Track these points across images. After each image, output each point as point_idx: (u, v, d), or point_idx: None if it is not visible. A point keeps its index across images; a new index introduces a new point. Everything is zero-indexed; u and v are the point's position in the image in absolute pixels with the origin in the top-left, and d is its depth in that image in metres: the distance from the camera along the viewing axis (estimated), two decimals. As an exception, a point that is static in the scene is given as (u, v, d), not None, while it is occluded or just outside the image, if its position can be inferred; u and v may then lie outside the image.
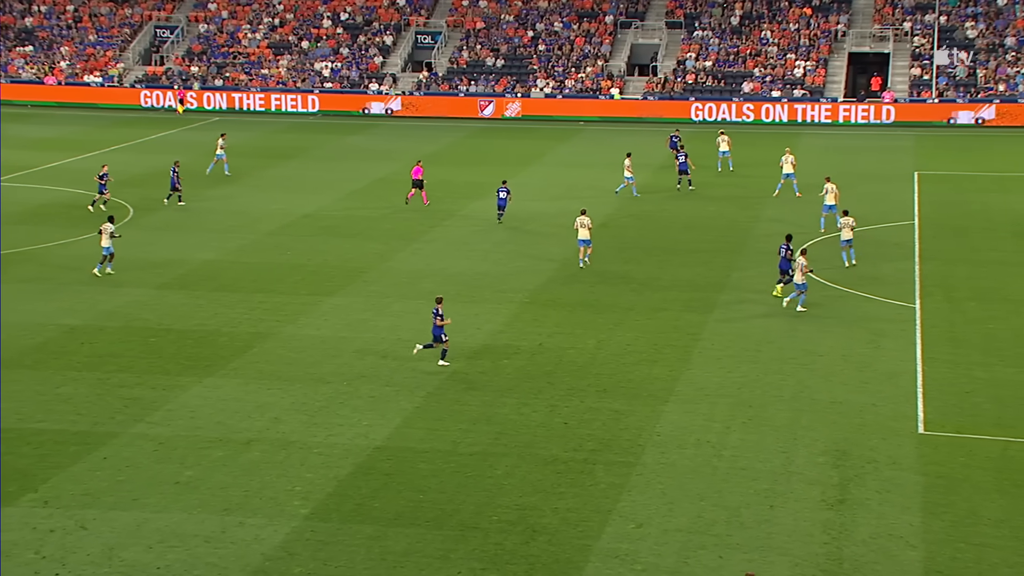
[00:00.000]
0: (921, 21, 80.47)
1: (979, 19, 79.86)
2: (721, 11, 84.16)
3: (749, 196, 54.33)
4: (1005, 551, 22.70)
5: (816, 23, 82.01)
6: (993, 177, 58.32)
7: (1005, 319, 36.44)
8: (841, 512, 24.22)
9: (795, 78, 78.57)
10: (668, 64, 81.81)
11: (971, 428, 28.44)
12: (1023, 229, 47.64)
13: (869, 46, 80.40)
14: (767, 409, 29.64)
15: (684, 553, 22.73)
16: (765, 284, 40.18)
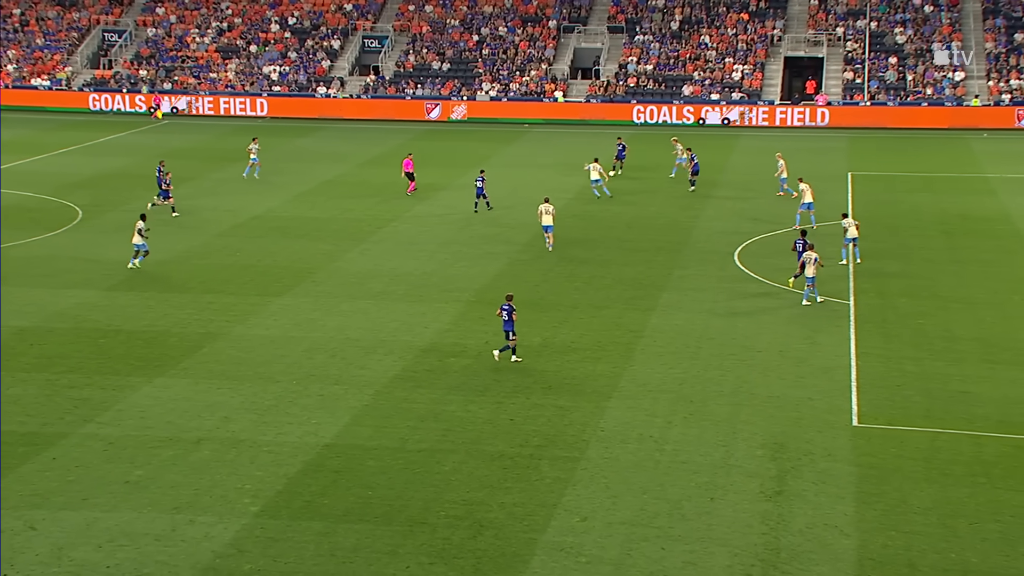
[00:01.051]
0: (853, 27, 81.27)
1: (907, 25, 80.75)
2: (661, 16, 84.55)
3: (690, 196, 54.56)
4: (933, 538, 22.96)
5: (753, 28, 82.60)
6: (922, 177, 58.97)
7: (934, 315, 36.85)
8: (779, 503, 24.39)
9: (733, 81, 79.08)
10: (610, 68, 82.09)
11: (902, 420, 28.72)
12: (951, 228, 48.24)
13: (804, 50, 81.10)
14: (707, 404, 29.78)
15: (627, 545, 22.80)
16: (705, 282, 40.47)
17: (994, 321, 36.13)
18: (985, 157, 64.50)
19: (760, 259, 43.28)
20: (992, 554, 22.37)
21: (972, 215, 50.41)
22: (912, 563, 22.06)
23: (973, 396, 30.14)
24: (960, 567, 21.93)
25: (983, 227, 48.07)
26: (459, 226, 48.61)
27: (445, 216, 50.61)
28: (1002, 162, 62.65)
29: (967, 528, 23.27)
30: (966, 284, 39.94)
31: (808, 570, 21.83)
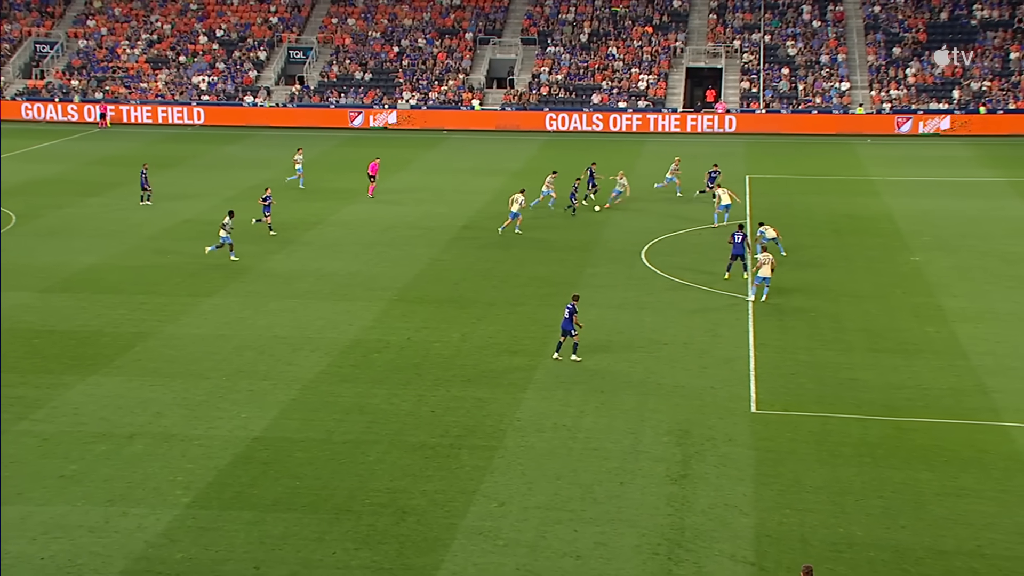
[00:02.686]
0: (749, 40, 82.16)
1: (798, 39, 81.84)
2: (571, 29, 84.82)
3: (601, 200, 54.77)
4: (824, 514, 23.31)
5: (657, 40, 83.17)
6: (813, 180, 59.78)
7: (825, 308, 37.35)
8: (683, 486, 24.60)
9: (639, 90, 79.59)
10: (524, 78, 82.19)
11: (796, 406, 29.10)
12: (840, 227, 48.89)
13: (704, 62, 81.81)
14: (617, 394, 29.94)
15: (542, 528, 22.86)
16: (615, 280, 40.68)
17: (878, 313, 36.73)
18: (869, 161, 65.59)
19: (665, 257, 43.61)
20: (875, 527, 22.79)
21: (859, 215, 51.20)
22: (804, 538, 22.39)
23: (860, 383, 30.62)
24: (847, 540, 22.30)
25: (868, 226, 48.86)
26: (382, 228, 48.37)
27: (369, 219, 50.34)
28: (884, 166, 63.76)
29: (854, 504, 23.67)
30: (853, 279, 40.57)
31: (710, 547, 22.06)
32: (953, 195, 55.12)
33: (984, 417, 28.18)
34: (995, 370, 31.40)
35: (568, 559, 21.74)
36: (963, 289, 39.25)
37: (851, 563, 21.46)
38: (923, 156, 66.82)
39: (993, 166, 62.83)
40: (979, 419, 28.06)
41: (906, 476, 24.97)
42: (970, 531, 22.55)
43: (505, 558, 21.79)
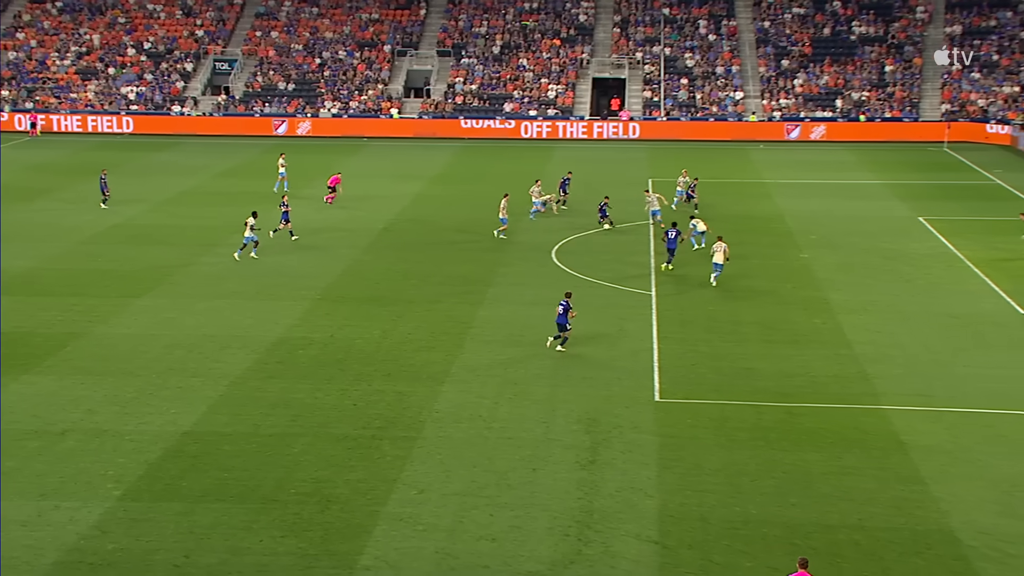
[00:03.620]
0: (650, 52, 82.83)
1: (696, 51, 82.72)
2: (484, 42, 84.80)
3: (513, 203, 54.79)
4: (721, 495, 23.60)
5: (565, 52, 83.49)
6: (711, 183, 60.34)
7: (723, 303, 37.80)
8: (592, 471, 24.73)
9: (549, 99, 79.83)
10: (440, 87, 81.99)
11: (696, 395, 29.40)
12: (736, 227, 49.28)
13: (609, 72, 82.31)
14: (530, 385, 30.00)
15: (460, 513, 22.84)
16: (527, 278, 40.76)
17: (771, 307, 37.26)
18: (762, 165, 66.52)
19: (574, 256, 43.81)
20: (768, 505, 23.13)
21: (753, 215, 51.88)
22: (704, 517, 22.65)
23: (755, 372, 31.03)
24: (743, 518, 22.61)
25: (762, 226, 49.54)
26: (306, 231, 47.90)
27: (294, 222, 49.80)
28: (775, 169, 64.72)
29: (749, 484, 24.00)
30: (749, 275, 41.08)
31: (617, 528, 22.21)
32: (838, 196, 56.09)
33: (866, 401, 28.74)
34: (875, 358, 32.04)
35: (484, 542, 21.75)
36: (847, 283, 39.98)
37: (746, 539, 21.75)
38: (810, 160, 67.93)
39: (872, 170, 64.09)
40: (861, 403, 28.61)
41: (796, 457, 25.37)
42: (853, 506, 22.99)
43: (425, 542, 21.73)
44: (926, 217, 50.55)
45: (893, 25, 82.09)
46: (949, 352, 32.61)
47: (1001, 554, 21.15)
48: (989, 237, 45.95)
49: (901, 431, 26.76)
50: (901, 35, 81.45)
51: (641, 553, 21.33)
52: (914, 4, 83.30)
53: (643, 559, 21.12)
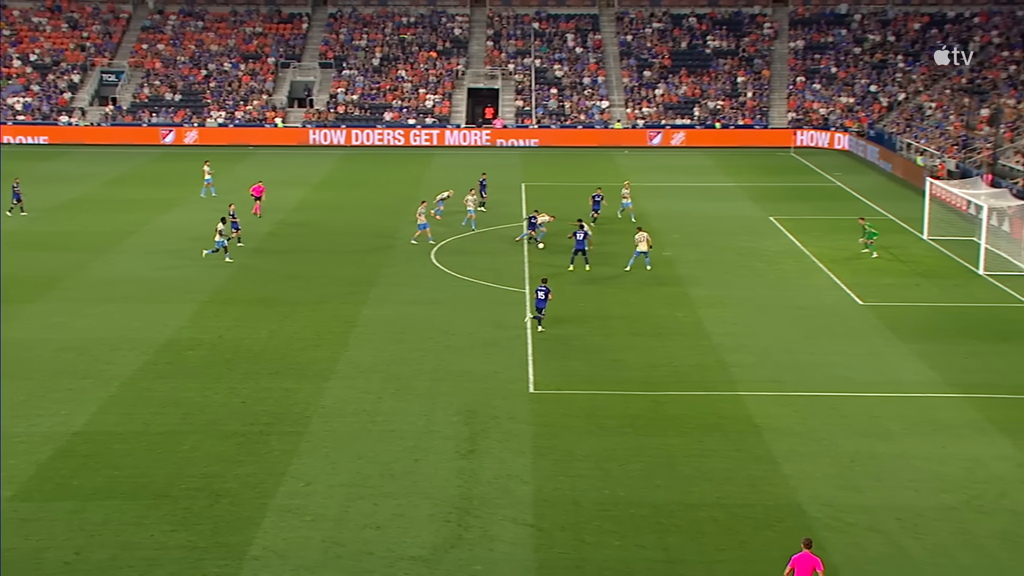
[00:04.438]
0: (521, 63, 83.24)
1: (564, 63, 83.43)
2: (364, 54, 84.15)
3: (394, 205, 54.68)
4: (593, 479, 23.84)
5: (441, 64, 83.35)
6: (579, 187, 60.82)
7: (592, 298, 38.18)
8: (471, 460, 24.75)
9: (427, 108, 79.61)
10: (322, 97, 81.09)
11: (568, 386, 29.64)
12: (604, 227, 49.91)
13: (483, 82, 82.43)
14: (412, 381, 29.88)
15: (346, 503, 22.64)
16: (408, 279, 40.63)
17: (637, 301, 37.79)
18: (627, 170, 67.28)
19: (452, 257, 43.80)
20: (636, 487, 23.46)
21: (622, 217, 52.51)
22: (576, 500, 22.85)
23: (623, 363, 31.43)
24: (612, 500, 22.88)
25: (628, 226, 50.10)
26: (194, 236, 46.89)
27: (182, 228, 48.79)
28: (639, 173, 65.53)
29: (618, 469, 24.30)
30: (616, 272, 41.57)
31: (495, 513, 22.28)
32: (697, 198, 57.15)
33: (724, 388, 29.37)
34: (732, 348, 32.75)
35: (369, 530, 21.60)
36: (706, 279, 40.79)
37: (616, 520, 22.03)
38: (671, 165, 69.09)
39: (728, 173, 65.49)
40: (720, 390, 29.22)
41: (661, 442, 25.78)
42: (713, 485, 23.47)
43: (312, 532, 21.48)
44: (776, 217, 51.84)
45: (743, 40, 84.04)
46: (797, 341, 33.53)
47: (841, 523, 21.84)
48: (831, 235, 47.34)
49: (755, 415, 27.41)
50: (751, 49, 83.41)
51: (517, 536, 21.43)
52: (762, 21, 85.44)
53: (519, 541, 21.23)
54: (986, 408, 27.86)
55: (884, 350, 32.62)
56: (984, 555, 20.40)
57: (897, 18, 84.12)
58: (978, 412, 27.59)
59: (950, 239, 46.72)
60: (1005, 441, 25.79)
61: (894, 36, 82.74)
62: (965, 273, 41.79)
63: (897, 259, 43.81)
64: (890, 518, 21.97)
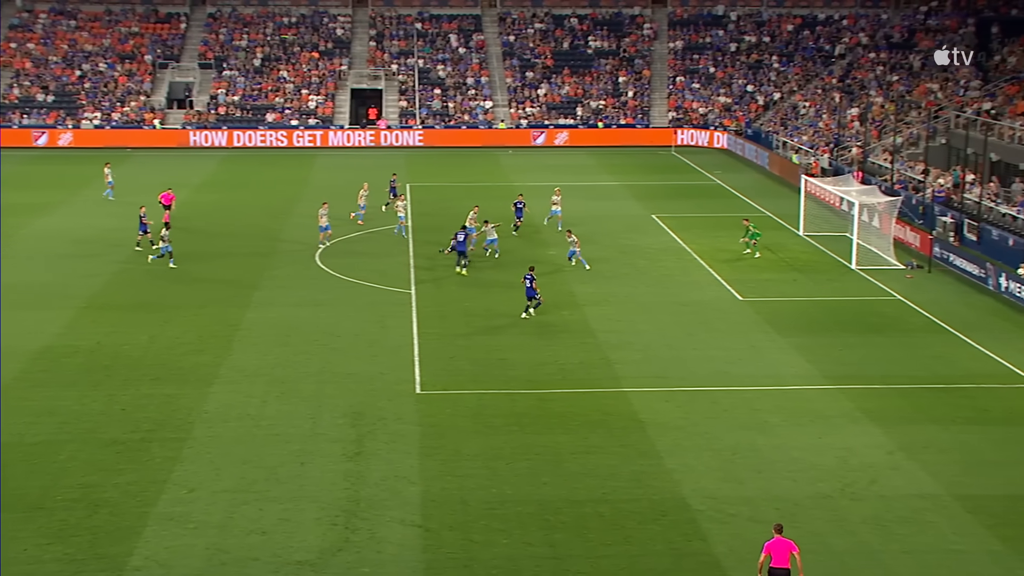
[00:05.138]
0: (404, 64, 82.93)
1: (447, 63, 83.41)
2: (245, 54, 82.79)
3: (278, 207, 53.98)
4: (480, 478, 23.90)
5: (324, 64, 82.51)
6: (464, 187, 61.03)
7: (478, 298, 38.26)
8: (358, 462, 24.58)
9: (309, 109, 78.73)
10: (202, 99, 79.48)
11: (455, 385, 29.67)
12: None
13: (366, 83, 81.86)
14: (297, 384, 29.55)
15: (230, 509, 22.26)
16: (293, 281, 40.19)
17: (523, 300, 37.70)
18: (511, 170, 67.72)
19: (337, 259, 43.43)
20: (523, 485, 23.59)
21: (505, 217, 52.56)
22: (464, 500, 22.89)
23: (509, 362, 31.56)
24: (499, 499, 22.97)
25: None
26: (72, 240, 45.56)
27: (58, 232, 47.34)
28: (524, 173, 65.96)
29: (505, 467, 24.41)
30: (502, 272, 41.59)
31: (383, 515, 22.17)
32: (580, 197, 57.56)
33: (608, 385, 29.74)
34: (617, 345, 33.19)
35: (254, 536, 21.28)
36: (590, 277, 41.22)
37: (503, 518, 22.12)
38: (555, 164, 69.60)
39: (611, 172, 66.31)
40: (605, 387, 29.57)
41: (548, 439, 25.98)
42: (598, 481, 23.75)
43: (196, 539, 21.07)
44: (658, 215, 52.68)
45: (624, 40, 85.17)
46: (680, 337, 34.13)
47: (723, 515, 22.33)
48: (711, 231, 48.29)
49: (640, 410, 27.82)
50: (632, 49, 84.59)
51: (405, 537, 21.36)
52: (641, 22, 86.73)
53: (407, 543, 21.16)
54: (858, 398, 28.79)
55: (763, 344, 33.43)
56: (856, 540, 21.07)
57: (771, 19, 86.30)
58: (851, 402, 28.50)
59: (825, 235, 48.12)
60: (876, 430, 26.69)
61: (769, 37, 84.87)
62: (839, 268, 43.11)
63: (775, 255, 44.96)
64: (770, 508, 22.52)
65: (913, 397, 29.07)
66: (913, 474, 24.26)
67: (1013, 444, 26.07)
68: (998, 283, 39.57)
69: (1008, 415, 28.01)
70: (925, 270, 42.74)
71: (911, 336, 34.64)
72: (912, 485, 23.72)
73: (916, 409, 28.23)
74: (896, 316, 36.87)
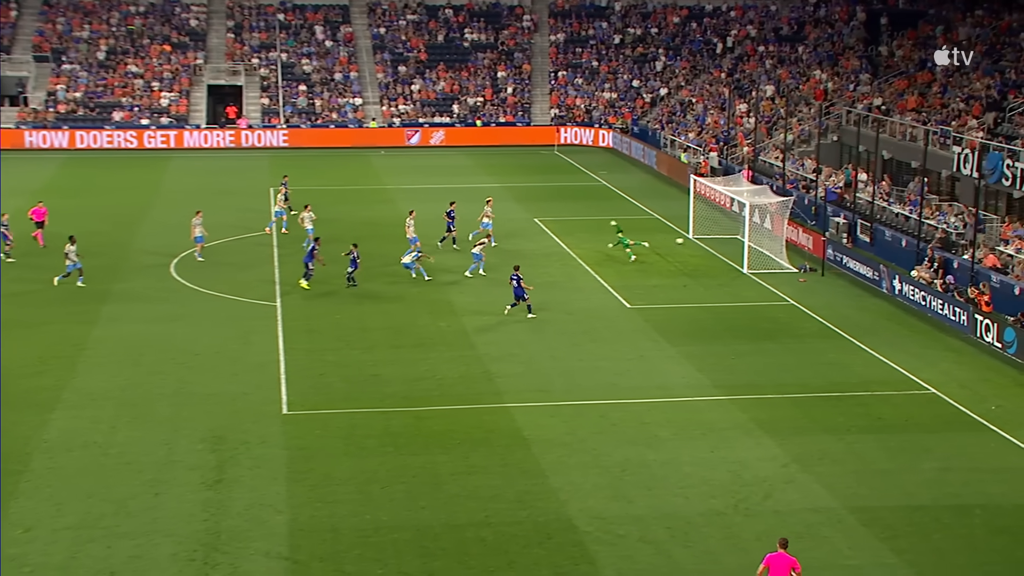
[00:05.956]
0: (266, 58, 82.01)
1: (313, 57, 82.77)
2: (87, 47, 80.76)
3: (128, 215, 52.76)
4: (352, 504, 23.73)
5: (176, 58, 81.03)
6: (335, 191, 60.66)
7: (350, 310, 38.07)
8: (219, 491, 24.17)
9: (162, 107, 77.22)
10: (38, 95, 77.21)
11: (325, 405, 29.44)
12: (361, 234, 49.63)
13: (224, 79, 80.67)
14: (150, 407, 28.93)
15: (74, 548, 21.62)
16: (146, 293, 39.48)
17: (397, 312, 37.90)
18: (383, 171, 67.55)
19: (195, 270, 42.69)
20: (399, 510, 23.51)
21: (377, 222, 52.53)
22: (335, 528, 22.70)
23: (383, 378, 31.47)
24: (373, 525, 22.85)
25: (386, 231, 50.17)
26: None
27: None
28: (397, 175, 65.90)
29: (379, 492, 24.29)
30: (374, 282, 41.49)
31: (246, 547, 21.83)
32: (457, 200, 57.57)
33: (490, 400, 29.85)
34: (498, 357, 33.35)
35: (102, 576, 20.76)
36: (470, 285, 41.35)
37: (377, 546, 21.99)
38: (430, 165, 69.67)
39: (490, 173, 66.61)
40: (486, 403, 29.68)
41: (425, 460, 25.95)
42: (479, 504, 23.80)
43: (36, 584, 20.44)
44: (541, 218, 53.14)
45: (502, 33, 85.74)
46: (565, 348, 34.46)
47: (612, 536, 22.60)
48: (597, 236, 48.85)
49: (523, 427, 27.99)
50: (511, 42, 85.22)
51: (271, 570, 21.07)
52: (520, 13, 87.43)
53: (274, 577, 20.90)
54: (751, 409, 29.48)
55: (652, 354, 33.99)
56: (750, 558, 21.54)
57: (657, 11, 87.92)
58: (744, 413, 29.16)
59: (715, 238, 49.19)
60: (770, 442, 27.36)
61: (656, 28, 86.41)
62: (730, 272, 44.10)
63: (664, 259, 45.75)
64: (660, 527, 22.89)
65: (807, 406, 29.89)
66: (807, 487, 24.93)
67: (907, 452, 27.02)
68: (892, 286, 41.01)
69: (902, 422, 29.02)
70: (818, 273, 44.03)
71: (804, 342, 35.63)
72: (807, 499, 24.37)
73: (810, 419, 29.03)
74: (789, 322, 37.88)
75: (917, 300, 39.45)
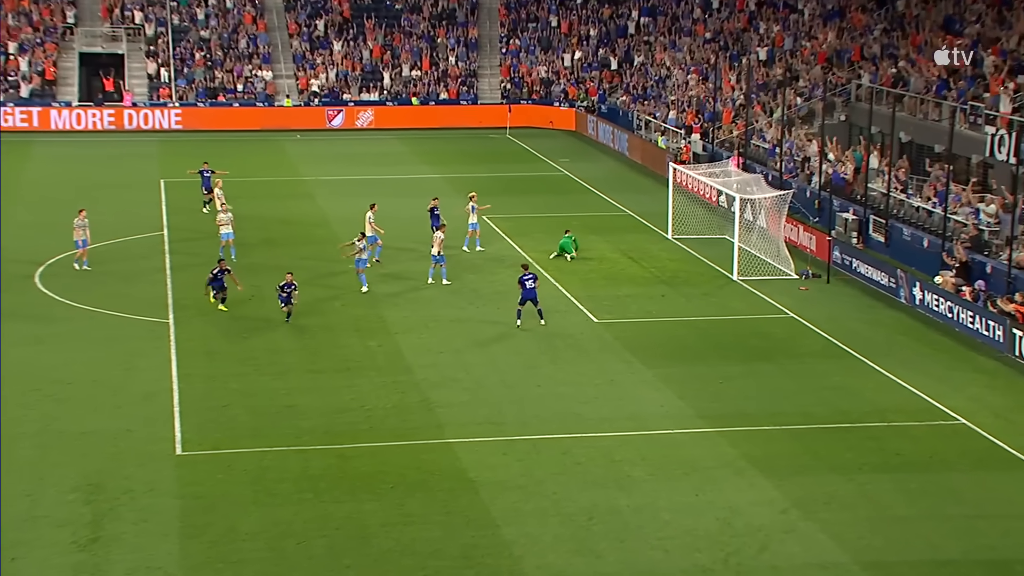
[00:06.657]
0: (153, 16, 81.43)
1: (211, 18, 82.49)
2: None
3: None
4: (262, 563, 23.70)
5: (42, 19, 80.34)
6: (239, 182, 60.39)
7: (259, 329, 37.97)
8: (94, 552, 24.00)
9: (21, 79, 76.55)
10: None
11: (229, 443, 29.38)
12: (272, 235, 49.83)
13: (102, 46, 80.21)
14: (8, 449, 28.66)
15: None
16: (4, 308, 39.05)
17: (317, 329, 37.90)
18: (299, 159, 67.53)
19: (66, 280, 42.49)
20: (320, 570, 23.52)
21: (293, 220, 52.53)
22: (241, 593, 22.73)
23: (299, 409, 31.47)
24: (289, 591, 22.94)
25: (304, 232, 50.23)
26: None
27: None
28: (316, 164, 65.90)
29: (295, 548, 24.29)
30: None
31: (130, 619, 21.77)
32: (390, 194, 57.55)
33: (429, 435, 29.95)
34: (438, 383, 33.47)
35: (-46, 658, 20.61)
36: (406, 297, 41.45)
37: (293, 615, 22.04)
38: (356, 153, 69.76)
39: (429, 163, 66.77)
40: (424, 438, 29.78)
41: (351, 509, 25.99)
42: (416, 560, 23.87)
43: None
44: (490, 216, 53.28)
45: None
46: (519, 371, 34.65)
47: (579, 598, 22.79)
48: (558, 236, 49.07)
49: (469, 467, 28.11)
50: (452, 1, 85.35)
51: (162, 648, 21.06)
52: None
53: (165, 655, 20.88)
54: (742, 443, 29.78)
55: (624, 378, 34.24)
56: (745, 623, 21.83)
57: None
58: (734, 448, 29.45)
59: (699, 238, 49.61)
60: (765, 483, 27.65)
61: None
62: (717, 279, 44.51)
63: (638, 264, 46.10)
64: (635, 586, 23.10)
65: (809, 440, 30.23)
66: (811, 537, 25.21)
67: (930, 495, 27.36)
68: (911, 294, 41.55)
69: (924, 459, 29.40)
70: (822, 279, 44.55)
71: (805, 363, 36.03)
72: (810, 552, 24.64)
73: (813, 455, 29.36)
74: (787, 338, 38.29)
75: (942, 312, 40.01)
